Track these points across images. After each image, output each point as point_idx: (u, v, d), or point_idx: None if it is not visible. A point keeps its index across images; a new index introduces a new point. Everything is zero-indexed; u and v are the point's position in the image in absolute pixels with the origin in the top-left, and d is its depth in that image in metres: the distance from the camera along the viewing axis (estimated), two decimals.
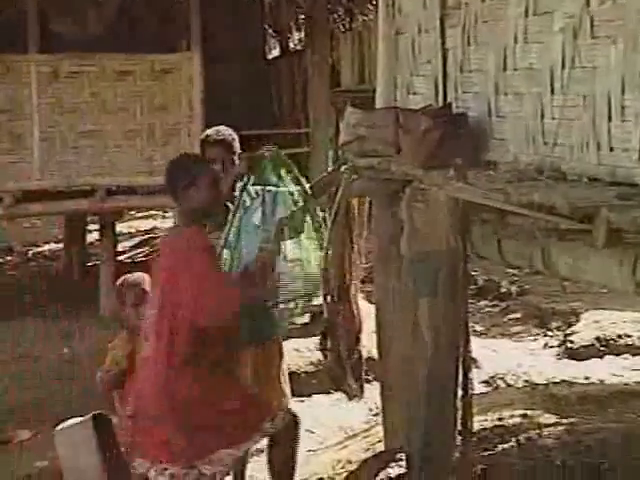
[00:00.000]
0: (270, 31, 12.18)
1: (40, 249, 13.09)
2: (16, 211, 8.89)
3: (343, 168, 5.24)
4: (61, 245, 12.47)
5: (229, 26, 11.09)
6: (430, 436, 4.87)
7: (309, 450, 6.00)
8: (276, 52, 12.21)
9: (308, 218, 4.99)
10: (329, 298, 5.04)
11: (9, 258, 12.66)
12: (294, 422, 4.45)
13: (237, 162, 5.16)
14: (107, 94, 8.85)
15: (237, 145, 5.24)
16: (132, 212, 14.48)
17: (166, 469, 4.01)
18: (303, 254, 5.00)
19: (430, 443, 4.86)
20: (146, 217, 15.14)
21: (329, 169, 8.38)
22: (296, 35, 11.99)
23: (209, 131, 5.35)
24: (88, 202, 8.98)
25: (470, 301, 10.19)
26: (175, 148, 8.71)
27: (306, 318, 9.44)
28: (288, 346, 8.31)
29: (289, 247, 4.90)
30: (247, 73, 11.38)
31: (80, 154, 8.85)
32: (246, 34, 11.56)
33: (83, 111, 8.87)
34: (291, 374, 7.83)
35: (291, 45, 11.92)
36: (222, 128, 5.40)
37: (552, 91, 3.53)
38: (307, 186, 5.02)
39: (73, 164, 8.85)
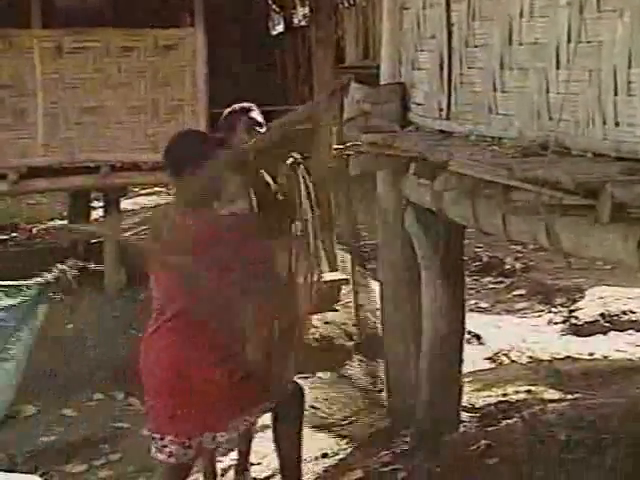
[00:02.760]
0: (274, 7, 12.13)
1: (44, 226, 13.07)
2: (20, 188, 8.86)
3: (347, 144, 5.26)
4: (65, 222, 12.48)
5: (233, 2, 11.05)
6: (434, 410, 4.92)
7: (312, 426, 6.02)
8: (280, 28, 12.16)
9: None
10: None
11: (14, 235, 12.65)
12: (300, 393, 4.43)
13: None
14: (111, 70, 8.79)
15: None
16: (136, 189, 14.46)
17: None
18: None
19: (434, 417, 4.91)
20: (150, 194, 15.12)
21: (333, 145, 8.40)
22: (300, 11, 11.94)
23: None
24: (92, 178, 8.95)
25: (474, 278, 10.25)
26: (179, 124, 8.68)
27: None
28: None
29: None
30: (251, 49, 11.36)
31: (84, 130, 8.79)
32: (250, 10, 11.53)
33: (87, 87, 8.81)
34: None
35: (295, 21, 11.87)
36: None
37: (557, 66, 3.51)
38: None
39: (77, 140, 8.79)
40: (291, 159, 4.82)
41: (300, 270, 4.36)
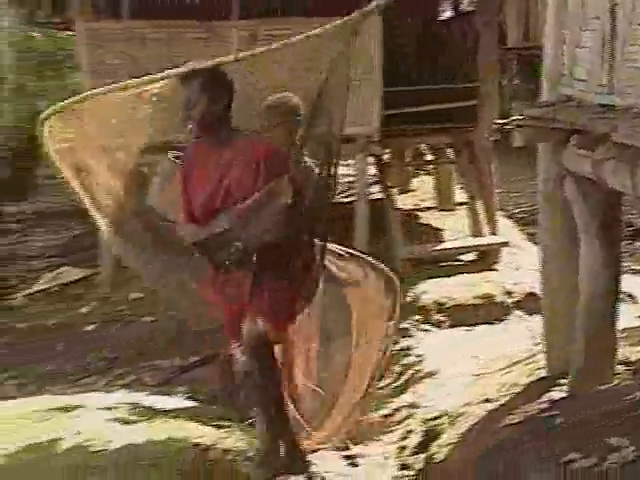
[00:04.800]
0: None
1: None
2: None
3: (510, 119, 5.17)
4: None
5: None
6: (589, 362, 4.80)
7: (475, 374, 5.98)
8: (448, 14, 12.01)
9: None
10: None
11: None
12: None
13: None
14: (293, 54, 8.93)
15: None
16: None
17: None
18: None
19: (589, 369, 4.79)
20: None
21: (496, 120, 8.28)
22: None
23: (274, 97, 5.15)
24: None
25: (628, 242, 9.92)
26: (358, 95, 8.82)
27: (473, 255, 9.41)
28: (454, 280, 8.40)
29: None
30: (422, 33, 11.26)
31: None
32: None
33: (275, 70, 8.98)
34: (458, 306, 7.92)
35: (462, 7, 11.71)
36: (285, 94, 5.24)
37: None
38: None
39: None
40: None
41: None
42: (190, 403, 5.34)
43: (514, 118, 5.03)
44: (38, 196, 12.96)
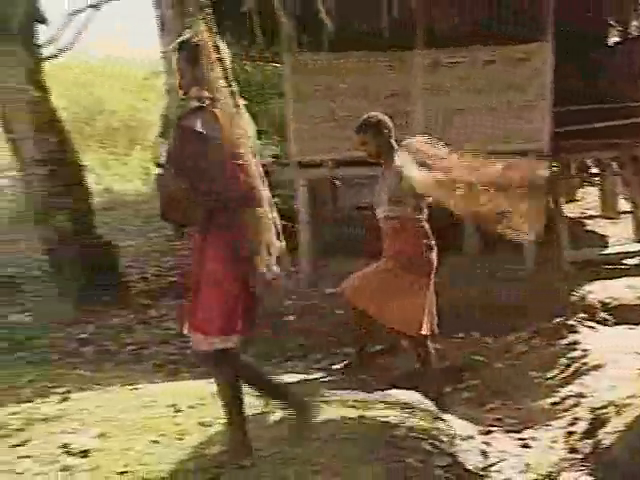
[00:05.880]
0: (613, 22, 11.62)
1: None
2: None
3: None
4: None
5: (579, 20, 10.73)
6: None
7: (639, 369, 5.84)
8: (615, 39, 11.64)
9: None
10: None
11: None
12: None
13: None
14: (475, 79, 8.97)
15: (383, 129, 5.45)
16: None
17: None
18: None
19: None
20: None
21: None
22: (635, 23, 11.34)
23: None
24: None
25: None
26: (527, 120, 8.78)
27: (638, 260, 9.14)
28: (619, 282, 8.21)
29: None
30: (589, 58, 11.00)
31: (453, 127, 9.05)
32: (591, 24, 11.13)
33: (456, 93, 9.05)
34: (622, 306, 7.71)
35: (631, 32, 11.31)
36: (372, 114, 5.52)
37: None
38: None
39: (447, 135, 9.04)
40: None
41: None
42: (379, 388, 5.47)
43: None
44: None
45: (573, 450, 4.88)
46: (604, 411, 5.06)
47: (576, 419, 5.32)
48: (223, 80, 3.62)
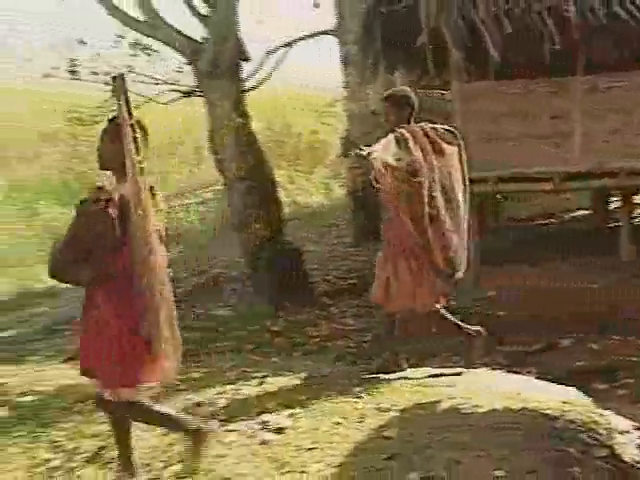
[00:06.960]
0: None
1: (574, 214, 13.05)
2: (560, 187, 9.12)
3: None
4: (590, 211, 12.40)
5: None
6: None
7: None
8: None
9: None
10: None
11: (552, 220, 12.82)
12: None
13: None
14: (631, 101, 8.67)
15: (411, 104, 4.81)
16: None
17: None
18: None
19: None
20: None
21: None
22: None
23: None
24: (613, 181, 8.95)
25: None
26: None
27: None
28: None
29: None
30: None
31: (610, 146, 8.79)
32: None
33: (612, 115, 8.78)
34: None
35: None
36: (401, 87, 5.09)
37: None
38: None
39: (604, 153, 8.81)
40: None
41: None
42: (540, 382, 5.36)
43: None
44: None
45: None
46: None
47: None
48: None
